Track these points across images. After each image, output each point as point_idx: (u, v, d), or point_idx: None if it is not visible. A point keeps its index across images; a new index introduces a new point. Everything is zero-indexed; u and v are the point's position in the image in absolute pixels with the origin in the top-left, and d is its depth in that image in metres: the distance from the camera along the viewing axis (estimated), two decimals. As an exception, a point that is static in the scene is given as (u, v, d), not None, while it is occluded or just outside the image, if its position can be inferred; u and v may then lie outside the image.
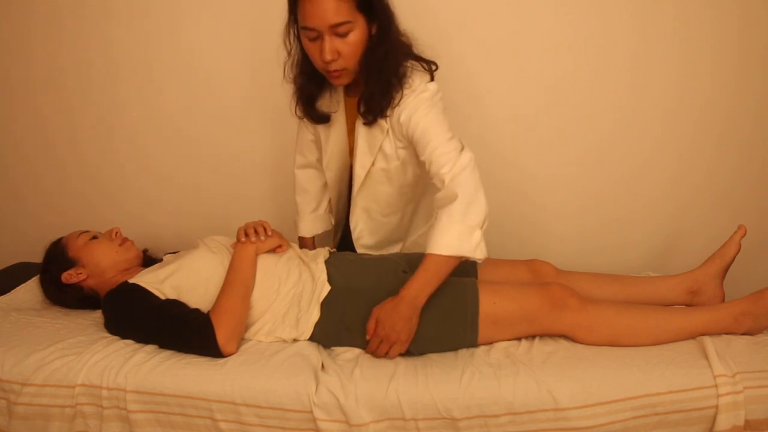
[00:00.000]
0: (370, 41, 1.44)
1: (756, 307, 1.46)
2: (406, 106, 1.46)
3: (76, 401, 1.35)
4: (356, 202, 1.67)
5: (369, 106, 1.48)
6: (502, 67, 2.01)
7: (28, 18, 2.10)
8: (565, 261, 1.79)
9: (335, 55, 1.39)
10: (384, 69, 1.45)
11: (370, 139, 1.54)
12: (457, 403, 1.30)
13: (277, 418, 1.32)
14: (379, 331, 1.38)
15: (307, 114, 1.61)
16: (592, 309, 1.47)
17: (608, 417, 1.29)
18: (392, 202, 1.64)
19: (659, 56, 1.97)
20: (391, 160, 1.55)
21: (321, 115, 1.60)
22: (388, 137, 1.52)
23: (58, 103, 2.17)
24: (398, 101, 1.46)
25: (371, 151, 1.55)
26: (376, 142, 1.53)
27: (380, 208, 1.68)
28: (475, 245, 1.36)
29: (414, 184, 1.62)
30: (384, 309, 1.39)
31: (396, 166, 1.56)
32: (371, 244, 1.76)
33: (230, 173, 2.19)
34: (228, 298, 1.47)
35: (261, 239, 1.58)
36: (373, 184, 1.60)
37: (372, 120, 1.50)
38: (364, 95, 1.49)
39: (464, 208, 1.37)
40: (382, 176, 1.58)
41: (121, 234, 1.70)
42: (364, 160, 1.56)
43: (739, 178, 2.06)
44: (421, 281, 1.38)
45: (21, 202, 2.28)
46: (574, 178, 2.09)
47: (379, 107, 1.47)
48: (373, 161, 1.55)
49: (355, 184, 1.61)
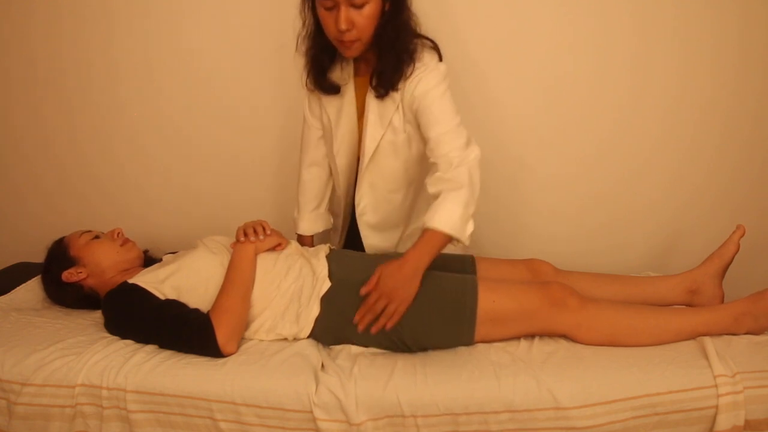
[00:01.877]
0: (383, 17, 1.49)
1: (756, 307, 1.46)
2: (419, 79, 1.52)
3: (76, 401, 1.35)
4: (363, 177, 1.68)
5: (381, 79, 1.54)
6: (502, 67, 2.01)
7: (28, 18, 2.10)
8: (564, 261, 1.79)
9: (350, 25, 1.44)
10: (396, 45, 1.51)
11: (382, 112, 1.59)
12: (457, 401, 1.30)
13: (277, 418, 1.32)
14: (381, 285, 1.41)
15: (318, 84, 1.63)
16: (591, 309, 1.47)
17: (608, 417, 1.29)
18: (398, 178, 1.68)
19: (659, 56, 1.97)
20: (399, 133, 1.60)
21: (332, 85, 1.63)
22: (398, 110, 1.57)
23: (58, 103, 2.17)
24: (410, 74, 1.53)
25: (382, 124, 1.59)
26: (387, 114, 1.58)
27: (386, 184, 1.69)
28: (469, 233, 1.44)
29: (418, 161, 1.66)
30: (389, 266, 1.43)
31: (403, 139, 1.60)
32: (374, 222, 1.76)
33: (230, 173, 2.19)
34: (228, 298, 1.47)
35: (260, 239, 1.59)
36: (380, 158, 1.63)
37: (384, 93, 1.55)
38: (376, 69, 1.55)
39: (469, 197, 1.43)
40: (389, 150, 1.62)
41: (123, 234, 1.70)
42: (374, 133, 1.60)
43: (739, 178, 2.06)
44: (424, 250, 1.43)
45: (21, 202, 2.28)
46: (574, 178, 2.09)
47: (391, 81, 1.53)
48: (383, 134, 1.60)
49: (364, 158, 1.63)
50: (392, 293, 1.41)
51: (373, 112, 1.60)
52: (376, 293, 1.42)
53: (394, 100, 1.57)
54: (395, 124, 1.59)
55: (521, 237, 2.15)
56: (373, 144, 1.61)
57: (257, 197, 2.19)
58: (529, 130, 2.06)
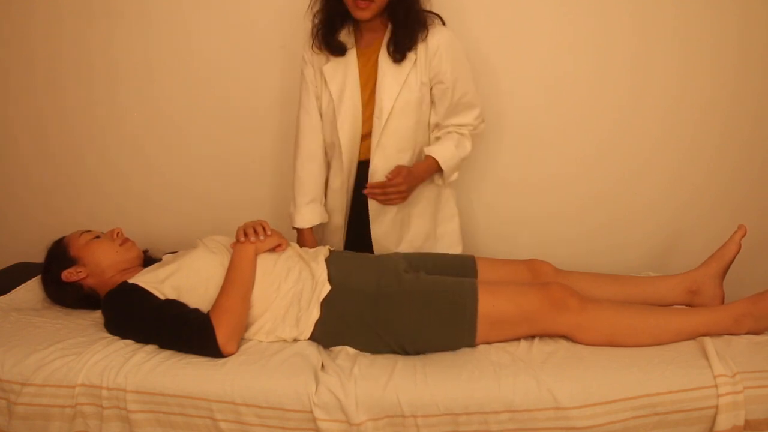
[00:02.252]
0: None
1: (756, 308, 1.46)
2: (439, 37, 1.66)
3: (76, 401, 1.35)
4: (378, 141, 1.72)
5: (398, 46, 1.64)
6: (502, 67, 2.01)
7: (28, 19, 2.10)
8: (564, 261, 1.79)
9: None
10: (410, 14, 1.63)
11: (396, 73, 1.67)
12: (457, 401, 1.30)
13: (277, 418, 1.32)
14: (397, 179, 1.63)
15: (326, 43, 1.68)
16: (591, 309, 1.47)
17: (608, 417, 1.29)
18: (408, 137, 1.74)
19: (659, 56, 1.97)
20: (414, 92, 1.68)
21: (339, 46, 1.69)
22: (415, 68, 1.66)
23: (57, 104, 2.17)
24: (425, 37, 1.65)
25: (398, 83, 1.67)
26: (402, 74, 1.66)
27: (396, 143, 1.73)
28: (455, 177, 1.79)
29: (426, 124, 1.77)
30: (407, 169, 1.68)
31: (417, 97, 1.69)
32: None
33: (230, 173, 2.19)
34: (228, 298, 1.47)
35: (260, 239, 1.58)
36: (396, 118, 1.69)
37: (401, 58, 1.65)
38: (392, 38, 1.65)
39: (466, 154, 1.76)
40: (405, 109, 1.70)
41: (122, 234, 1.70)
42: (391, 92, 1.67)
43: (739, 178, 2.06)
44: (424, 170, 1.72)
45: (21, 203, 2.28)
46: (574, 178, 2.09)
47: (406, 47, 1.65)
48: (399, 92, 1.67)
49: (381, 120, 1.68)
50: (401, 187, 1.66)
51: (390, 76, 1.67)
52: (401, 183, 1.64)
53: (410, 60, 1.66)
54: (411, 83, 1.67)
55: (521, 237, 2.16)
56: (389, 103, 1.67)
57: (257, 197, 2.19)
58: (529, 130, 2.06)
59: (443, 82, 1.69)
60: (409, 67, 1.66)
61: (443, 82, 1.69)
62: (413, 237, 1.86)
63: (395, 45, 1.64)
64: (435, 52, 1.66)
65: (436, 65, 1.67)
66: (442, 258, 1.72)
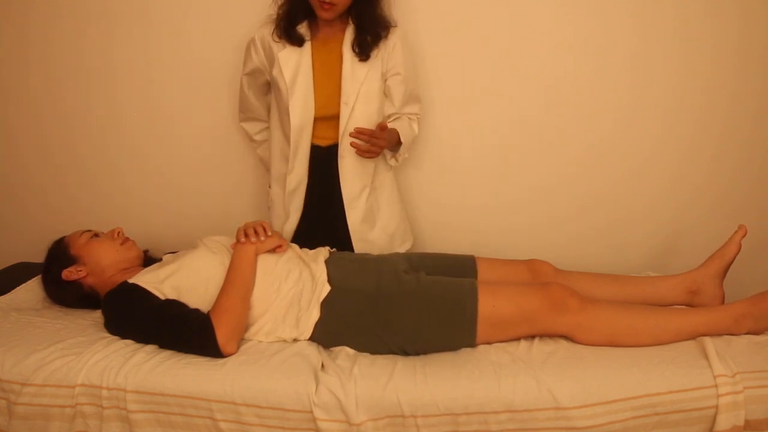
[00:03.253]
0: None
1: (756, 309, 1.46)
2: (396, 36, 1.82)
3: (76, 401, 1.35)
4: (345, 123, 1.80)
5: (363, 47, 1.78)
6: (502, 67, 2.01)
7: (26, 19, 2.09)
8: (564, 261, 1.79)
9: None
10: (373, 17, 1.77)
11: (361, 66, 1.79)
12: (457, 401, 1.30)
13: (277, 418, 1.32)
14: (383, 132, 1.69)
15: (286, 34, 1.79)
16: (591, 309, 1.47)
17: (608, 417, 1.29)
18: (373, 121, 1.83)
19: (659, 56, 1.97)
20: (375, 81, 1.82)
21: (299, 37, 1.80)
22: (376, 61, 1.80)
23: (57, 105, 2.16)
24: (386, 36, 1.81)
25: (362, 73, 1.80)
26: (365, 66, 1.80)
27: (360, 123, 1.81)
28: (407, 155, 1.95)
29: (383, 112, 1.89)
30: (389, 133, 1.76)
31: (378, 87, 1.83)
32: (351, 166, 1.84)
33: (230, 173, 2.18)
34: (228, 298, 1.47)
35: (261, 239, 1.58)
36: (362, 103, 1.81)
37: (366, 58, 1.79)
38: (356, 40, 1.78)
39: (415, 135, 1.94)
40: (368, 96, 1.82)
41: (123, 234, 1.70)
42: (355, 82, 1.79)
43: (739, 178, 2.06)
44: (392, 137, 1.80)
45: (20, 203, 2.28)
46: (574, 178, 2.09)
47: (371, 47, 1.79)
48: (363, 81, 1.79)
49: (347, 106, 1.79)
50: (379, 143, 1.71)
51: (353, 67, 1.79)
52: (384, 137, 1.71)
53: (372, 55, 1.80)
54: (371, 74, 1.80)
55: (521, 237, 2.15)
56: (355, 91, 1.79)
57: (257, 197, 2.19)
58: (529, 130, 2.06)
59: (400, 73, 1.84)
60: (371, 60, 1.80)
61: (400, 73, 1.84)
62: (386, 223, 1.94)
63: (360, 47, 1.78)
64: (393, 48, 1.82)
65: (393, 59, 1.82)
66: (442, 258, 1.73)
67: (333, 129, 1.82)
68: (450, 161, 2.10)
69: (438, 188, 2.14)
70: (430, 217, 2.16)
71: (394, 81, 1.85)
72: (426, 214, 2.16)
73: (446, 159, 2.10)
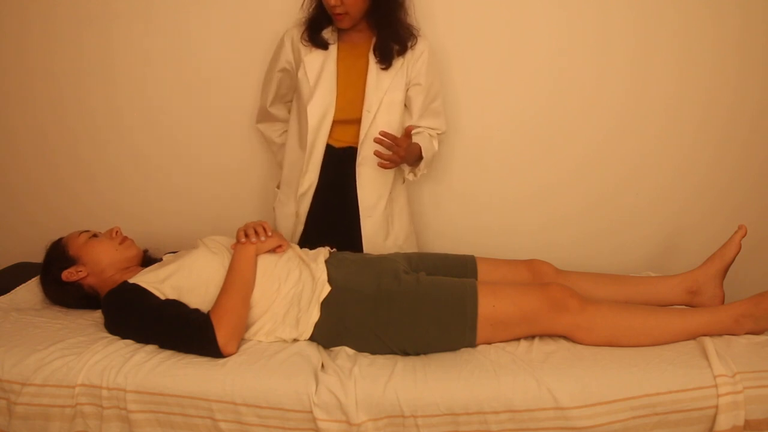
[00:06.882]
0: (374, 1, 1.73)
1: (757, 309, 1.46)
2: (423, 46, 1.81)
3: (76, 401, 1.35)
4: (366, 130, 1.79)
5: (383, 54, 1.78)
6: (502, 67, 2.01)
7: (25, 19, 2.10)
8: (565, 261, 1.79)
9: (338, 1, 1.68)
10: (392, 22, 1.77)
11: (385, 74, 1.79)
12: (457, 401, 1.30)
13: (277, 418, 1.32)
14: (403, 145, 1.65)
15: (311, 38, 1.81)
16: (591, 310, 1.47)
17: (608, 417, 1.29)
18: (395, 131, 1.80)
19: (659, 56, 1.97)
20: (399, 91, 1.81)
21: (323, 41, 1.81)
22: (401, 71, 1.79)
23: (56, 105, 2.17)
24: (412, 45, 1.80)
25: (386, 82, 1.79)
26: (390, 74, 1.79)
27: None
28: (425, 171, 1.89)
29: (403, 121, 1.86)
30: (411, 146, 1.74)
31: (400, 97, 1.81)
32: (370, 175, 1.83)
33: (229, 173, 2.19)
34: (228, 299, 1.47)
35: (261, 240, 1.58)
36: (384, 112, 1.80)
37: (388, 66, 1.78)
38: (377, 45, 1.78)
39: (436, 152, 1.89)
40: (391, 105, 1.81)
41: (121, 233, 1.70)
42: (379, 90, 1.79)
43: (739, 178, 2.06)
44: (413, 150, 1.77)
45: (20, 204, 2.28)
46: (574, 179, 2.10)
47: (392, 54, 1.78)
48: (386, 90, 1.79)
49: (369, 113, 1.79)
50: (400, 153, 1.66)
51: (378, 74, 1.78)
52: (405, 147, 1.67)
53: (397, 64, 1.79)
54: (396, 83, 1.79)
55: (522, 237, 2.16)
56: (376, 101, 1.78)
57: (256, 198, 2.19)
58: (529, 130, 2.06)
59: (420, 83, 1.82)
60: (396, 70, 1.79)
61: (420, 84, 1.82)
62: (397, 234, 1.93)
63: (381, 54, 1.77)
64: (418, 58, 1.81)
65: (416, 69, 1.81)
66: (442, 258, 1.73)
67: (351, 133, 1.81)
68: (450, 162, 2.11)
69: (438, 188, 2.14)
70: (430, 216, 2.16)
71: (414, 91, 1.83)
72: (426, 214, 2.16)
73: (446, 160, 2.10)
